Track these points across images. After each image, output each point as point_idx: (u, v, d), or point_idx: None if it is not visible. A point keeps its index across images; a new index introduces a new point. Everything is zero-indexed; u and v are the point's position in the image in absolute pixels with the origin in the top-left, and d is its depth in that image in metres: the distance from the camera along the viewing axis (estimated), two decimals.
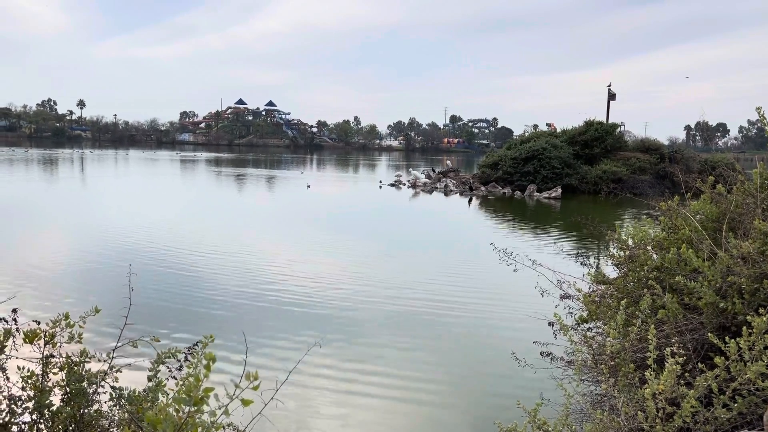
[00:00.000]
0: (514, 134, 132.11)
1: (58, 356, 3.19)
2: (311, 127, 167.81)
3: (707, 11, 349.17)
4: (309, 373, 7.59)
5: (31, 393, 3.06)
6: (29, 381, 3.09)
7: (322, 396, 7.19)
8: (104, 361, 3.27)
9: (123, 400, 3.07)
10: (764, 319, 3.91)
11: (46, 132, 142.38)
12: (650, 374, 3.89)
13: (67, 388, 3.09)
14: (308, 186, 38.53)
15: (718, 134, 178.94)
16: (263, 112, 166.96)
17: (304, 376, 7.43)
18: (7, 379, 3.10)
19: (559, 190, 34.98)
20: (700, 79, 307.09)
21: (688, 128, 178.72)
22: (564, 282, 6.73)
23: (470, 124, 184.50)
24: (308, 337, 8.96)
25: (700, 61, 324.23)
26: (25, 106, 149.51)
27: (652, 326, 4.33)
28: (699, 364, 4.19)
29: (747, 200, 6.05)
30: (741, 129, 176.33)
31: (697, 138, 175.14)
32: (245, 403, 2.24)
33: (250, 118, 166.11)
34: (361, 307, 10.84)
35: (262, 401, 2.68)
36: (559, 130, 44.72)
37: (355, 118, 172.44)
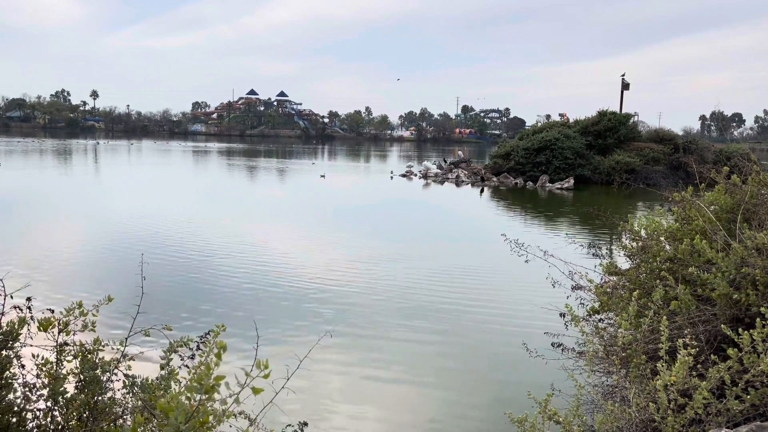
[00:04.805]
0: (527, 124, 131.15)
1: (72, 344, 3.22)
2: (323, 117, 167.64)
3: (723, 0, 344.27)
4: (320, 363, 7.63)
5: (46, 380, 3.10)
6: (44, 369, 3.12)
7: (333, 385, 7.23)
8: (117, 349, 3.30)
9: (136, 388, 3.10)
10: None
11: (60, 122, 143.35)
12: (662, 366, 3.88)
13: (81, 376, 3.12)
14: (322, 176, 38.54)
15: (734, 124, 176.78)
16: (275, 103, 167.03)
17: (316, 366, 7.46)
18: (22, 366, 3.14)
19: (572, 181, 34.75)
20: (716, 68, 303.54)
21: (702, 118, 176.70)
22: (576, 273, 6.70)
23: (482, 114, 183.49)
24: (319, 327, 9.00)
25: (715, 50, 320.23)
26: (39, 97, 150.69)
27: (665, 317, 4.30)
28: (712, 355, 4.16)
29: (762, 191, 5.99)
30: (757, 119, 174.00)
31: (712, 128, 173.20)
32: (256, 391, 2.26)
33: (262, 108, 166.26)
34: (372, 297, 10.86)
35: (273, 390, 2.70)
36: (571, 121, 44.36)
37: (367, 108, 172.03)
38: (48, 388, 3.05)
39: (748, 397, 3.80)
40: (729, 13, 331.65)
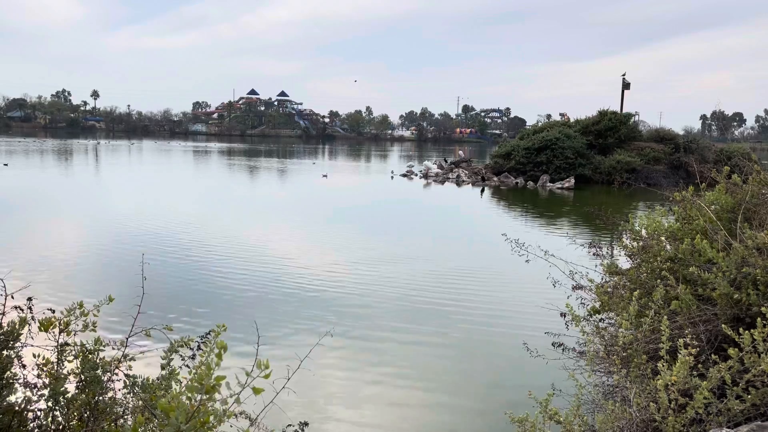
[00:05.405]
0: (527, 124, 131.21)
1: (73, 344, 3.22)
2: (323, 117, 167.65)
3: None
4: (320, 363, 7.63)
5: (47, 380, 3.10)
6: (44, 368, 3.12)
7: (333, 385, 7.23)
8: (118, 349, 3.30)
9: (137, 388, 3.10)
10: None
11: (61, 122, 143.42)
12: (663, 365, 3.88)
13: (82, 376, 3.12)
14: (324, 175, 38.58)
15: (734, 124, 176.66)
16: (275, 103, 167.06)
17: (316, 366, 7.47)
18: (23, 366, 3.14)
19: (572, 181, 34.72)
20: (717, 67, 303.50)
21: (703, 118, 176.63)
22: (576, 273, 6.70)
23: (483, 114, 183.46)
24: (320, 327, 9.00)
25: (716, 49, 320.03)
26: (39, 97, 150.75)
27: (665, 317, 4.30)
28: (712, 355, 4.16)
29: (763, 190, 5.99)
30: (758, 118, 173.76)
31: (713, 127, 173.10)
32: (256, 391, 2.26)
33: (263, 108, 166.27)
34: (372, 297, 10.86)
35: (273, 390, 2.70)
36: (572, 120, 44.31)
37: (367, 108, 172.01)
38: (49, 388, 3.05)
39: (749, 396, 3.80)
40: (730, 12, 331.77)
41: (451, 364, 8.10)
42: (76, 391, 3.11)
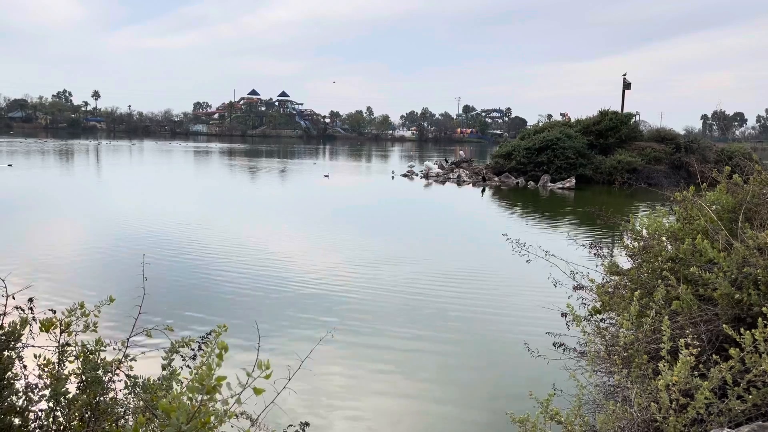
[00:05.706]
0: (528, 124, 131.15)
1: (74, 345, 3.23)
2: (324, 117, 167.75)
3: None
4: (321, 364, 7.63)
5: (48, 381, 3.10)
6: (45, 369, 3.13)
7: (334, 386, 7.23)
8: (119, 349, 3.30)
9: (138, 389, 3.11)
10: None
11: (62, 123, 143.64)
12: (664, 365, 3.87)
13: (83, 377, 3.13)
14: (326, 176, 38.61)
15: (735, 124, 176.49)
16: (276, 103, 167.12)
17: (317, 366, 7.47)
18: (24, 367, 3.14)
19: (573, 181, 34.71)
20: (718, 67, 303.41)
21: (704, 118, 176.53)
22: (577, 273, 6.70)
23: (483, 114, 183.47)
24: (321, 328, 9.00)
25: (718, 49, 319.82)
26: (41, 98, 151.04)
27: (666, 317, 4.30)
28: (713, 355, 4.16)
29: (764, 190, 5.99)
30: (759, 118, 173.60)
31: (714, 127, 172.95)
32: (257, 391, 2.26)
33: (263, 108, 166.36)
34: (373, 298, 10.86)
35: (274, 390, 2.70)
36: (573, 120, 44.30)
37: (368, 108, 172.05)
38: (50, 389, 3.05)
39: (750, 396, 3.79)
40: (730, 12, 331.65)
41: (451, 364, 8.10)
42: (77, 392, 3.11)
